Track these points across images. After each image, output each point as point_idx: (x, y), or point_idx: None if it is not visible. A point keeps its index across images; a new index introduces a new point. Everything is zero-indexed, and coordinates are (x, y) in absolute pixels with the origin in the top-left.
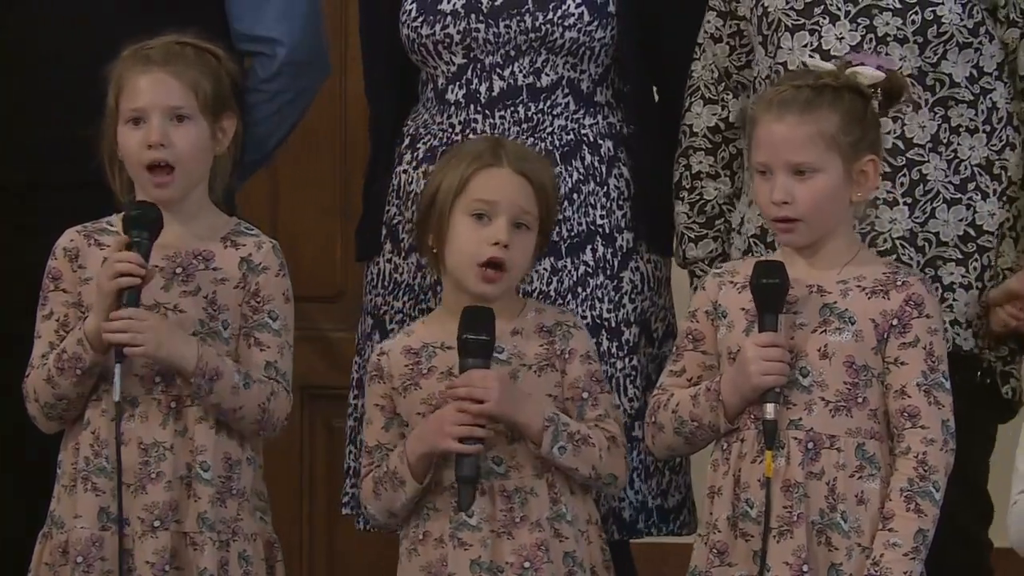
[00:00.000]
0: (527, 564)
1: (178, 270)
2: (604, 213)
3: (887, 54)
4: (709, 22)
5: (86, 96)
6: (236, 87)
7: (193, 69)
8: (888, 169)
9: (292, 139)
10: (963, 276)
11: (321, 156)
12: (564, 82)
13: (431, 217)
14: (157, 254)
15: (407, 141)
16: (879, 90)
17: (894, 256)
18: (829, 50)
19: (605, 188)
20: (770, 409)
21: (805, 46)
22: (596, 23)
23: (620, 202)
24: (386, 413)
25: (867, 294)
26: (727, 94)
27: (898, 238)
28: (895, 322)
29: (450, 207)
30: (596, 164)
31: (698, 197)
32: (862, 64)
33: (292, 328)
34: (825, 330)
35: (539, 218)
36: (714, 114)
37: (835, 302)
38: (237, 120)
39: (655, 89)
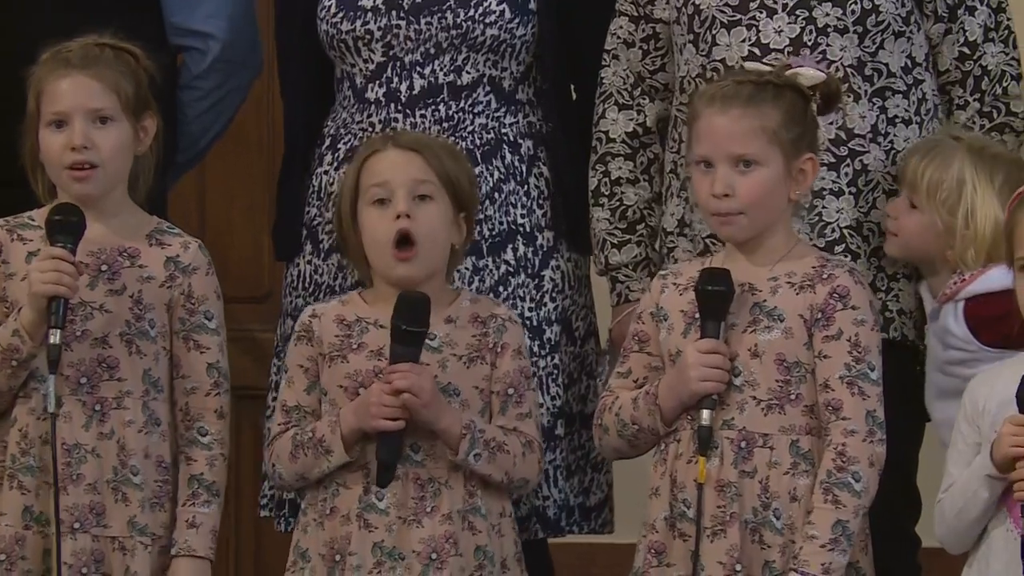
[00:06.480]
0: (434, 555)
1: (103, 267)
2: (524, 212)
3: (828, 45)
4: (621, 27)
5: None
6: (155, 84)
7: (113, 70)
8: (833, 159)
9: (221, 138)
10: (904, 267)
11: (249, 155)
12: (485, 80)
13: (343, 224)
14: (82, 250)
15: (327, 142)
16: (818, 93)
17: (842, 246)
18: (768, 43)
19: (526, 187)
20: (706, 416)
21: (743, 41)
22: (517, 20)
23: (540, 201)
24: (310, 376)
25: (796, 290)
26: (643, 99)
27: (845, 227)
28: (819, 315)
29: (355, 207)
30: (516, 163)
31: (618, 203)
32: (801, 66)
33: (224, 323)
34: (755, 329)
35: (444, 184)
36: (631, 119)
37: (765, 300)
38: (157, 119)
39: (573, 88)
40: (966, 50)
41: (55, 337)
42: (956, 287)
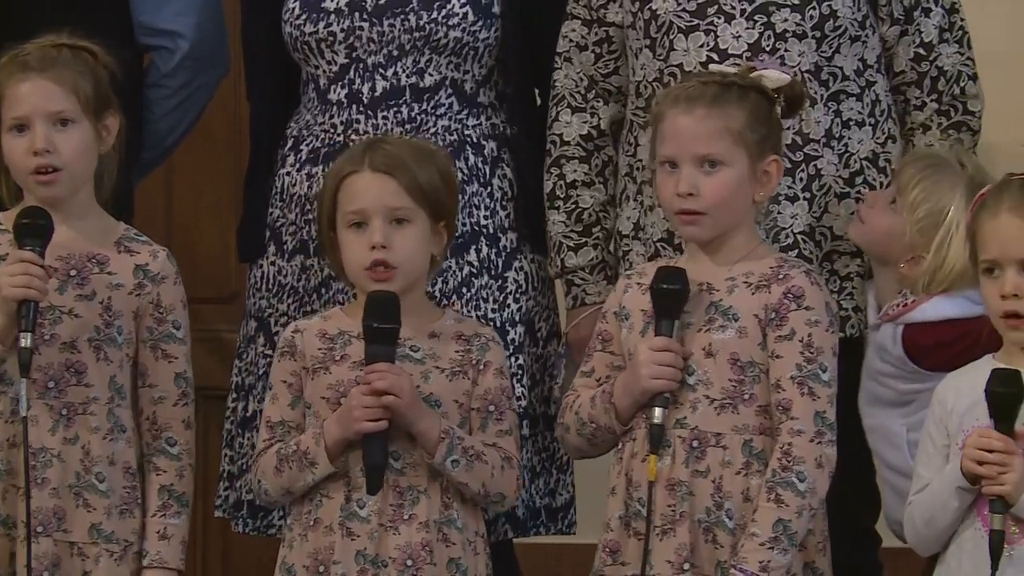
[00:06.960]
0: (409, 562)
1: (72, 272)
2: (488, 214)
3: (786, 50)
4: (574, 31)
5: None
6: (116, 81)
7: (72, 71)
8: (789, 165)
9: (188, 136)
10: (859, 266)
11: (216, 152)
12: (447, 82)
13: (324, 239)
14: (51, 254)
15: (290, 143)
16: (782, 96)
17: (795, 251)
18: (727, 49)
19: (489, 189)
20: (658, 414)
21: (701, 47)
22: (480, 23)
23: (504, 203)
24: (293, 391)
25: (752, 290)
26: (597, 101)
27: (799, 233)
28: (773, 315)
29: (332, 227)
30: (480, 165)
31: (574, 206)
32: (766, 68)
33: (190, 332)
34: (709, 328)
35: (423, 206)
36: (584, 122)
37: (720, 300)
38: (120, 116)
39: (537, 92)
40: (922, 51)
41: (26, 341)
42: (897, 311)
